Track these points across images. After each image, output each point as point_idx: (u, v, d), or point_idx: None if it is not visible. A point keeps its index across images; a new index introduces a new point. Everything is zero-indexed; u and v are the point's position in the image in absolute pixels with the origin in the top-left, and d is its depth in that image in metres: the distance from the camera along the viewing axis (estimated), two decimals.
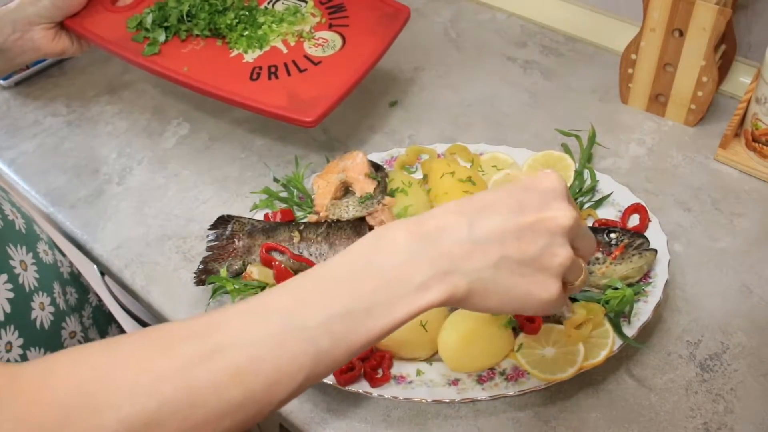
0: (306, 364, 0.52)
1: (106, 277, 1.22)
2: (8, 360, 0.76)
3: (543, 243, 0.56)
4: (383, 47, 1.02)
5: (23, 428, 0.46)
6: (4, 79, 1.22)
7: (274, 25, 1.05)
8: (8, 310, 0.77)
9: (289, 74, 0.98)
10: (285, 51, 1.02)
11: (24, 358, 0.78)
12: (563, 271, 0.57)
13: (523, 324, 0.78)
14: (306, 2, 1.09)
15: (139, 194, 1.04)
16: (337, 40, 1.03)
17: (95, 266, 1.08)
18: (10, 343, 0.77)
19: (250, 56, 1.02)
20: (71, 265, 0.98)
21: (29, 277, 0.81)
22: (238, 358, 0.50)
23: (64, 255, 0.97)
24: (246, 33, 1.04)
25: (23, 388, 0.47)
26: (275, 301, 0.53)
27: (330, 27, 1.06)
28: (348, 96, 0.96)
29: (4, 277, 0.77)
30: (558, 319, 0.79)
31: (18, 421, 0.46)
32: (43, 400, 0.47)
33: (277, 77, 0.98)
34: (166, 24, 1.04)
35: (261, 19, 1.06)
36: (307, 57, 1.01)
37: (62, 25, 1.04)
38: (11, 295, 0.77)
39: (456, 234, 0.55)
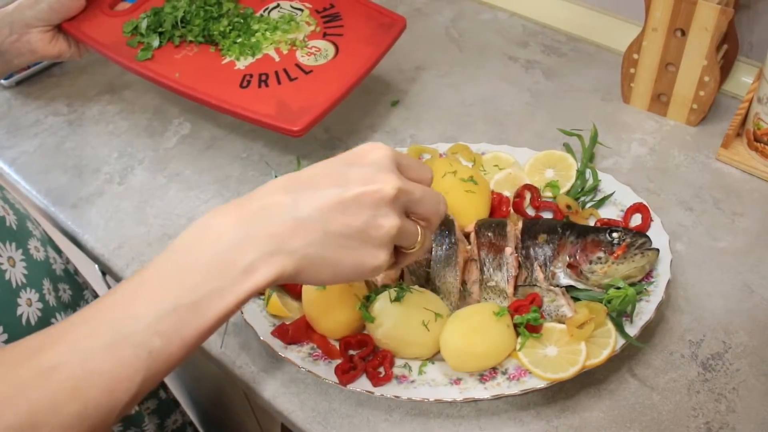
0: (141, 367, 0.52)
1: (108, 277, 1.22)
2: None
3: (367, 215, 0.57)
4: (376, 57, 1.01)
5: None
6: (5, 78, 1.22)
7: (267, 33, 1.05)
8: None
9: (279, 83, 0.98)
10: (277, 59, 1.02)
11: None
12: (390, 240, 0.59)
13: (526, 324, 0.78)
14: (302, 10, 1.09)
15: (140, 194, 1.05)
16: (330, 50, 1.03)
17: (96, 266, 1.08)
18: None
19: (242, 63, 1.02)
20: (67, 262, 0.98)
21: (17, 273, 0.81)
22: (74, 371, 0.51)
23: (59, 252, 0.97)
24: (239, 40, 1.04)
25: None
26: (105, 308, 0.54)
27: (324, 36, 1.05)
28: (338, 105, 0.96)
29: None
30: (560, 319, 0.79)
31: None
32: None
33: (267, 85, 0.98)
34: (160, 29, 1.04)
35: (255, 27, 1.06)
36: (298, 66, 1.01)
37: (60, 29, 1.05)
38: None
39: (280, 213, 0.56)
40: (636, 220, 0.89)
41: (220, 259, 0.55)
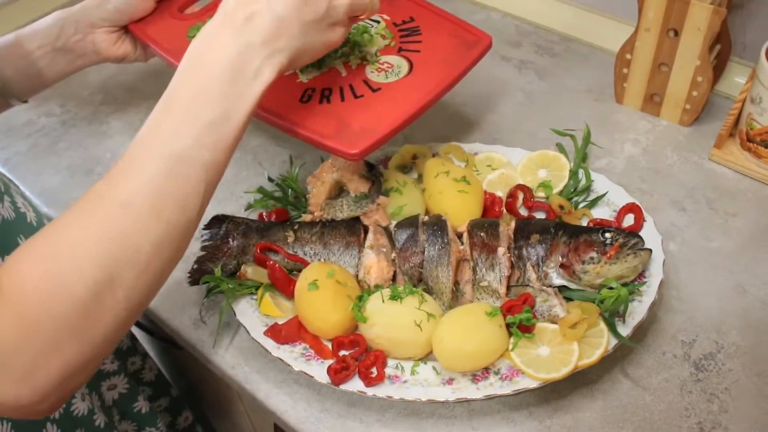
0: (201, 179, 0.63)
1: None
2: None
3: (325, 1, 0.71)
4: (453, 77, 0.89)
5: (21, 322, 0.55)
6: None
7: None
8: None
9: (342, 99, 0.87)
10: (344, 74, 0.91)
11: None
12: (345, 14, 0.74)
13: (519, 324, 0.78)
14: (378, 22, 0.98)
15: None
16: (404, 66, 0.91)
17: None
18: None
19: (305, 76, 0.91)
20: None
21: None
22: (148, 198, 0.60)
23: None
24: None
25: (6, 291, 0.56)
26: (151, 138, 0.63)
27: (399, 51, 0.93)
28: (404, 128, 0.85)
29: None
30: (553, 319, 0.79)
31: (15, 316, 0.55)
32: (25, 293, 0.56)
33: (329, 102, 0.86)
34: None
35: None
36: (365, 82, 0.89)
37: (126, 30, 1.01)
38: None
39: (263, 18, 0.67)
40: (629, 220, 0.89)
41: (231, 72, 0.65)
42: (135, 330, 1.16)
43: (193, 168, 0.63)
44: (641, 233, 0.85)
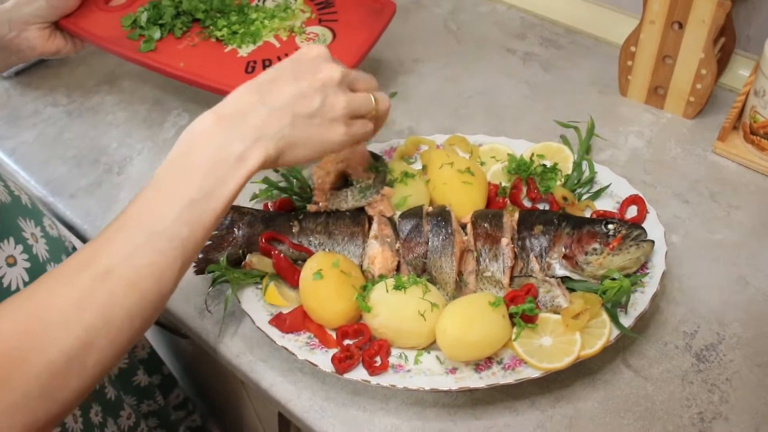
0: (178, 255, 0.65)
1: None
2: None
3: (322, 96, 0.73)
4: (372, 40, 1.06)
5: None
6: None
7: (266, 21, 1.09)
8: (27, 279, 0.79)
9: None
10: (278, 45, 1.06)
11: None
12: (345, 113, 0.74)
13: (522, 314, 0.79)
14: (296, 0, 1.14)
15: (139, 184, 1.05)
16: (328, 35, 1.08)
17: None
18: None
19: (244, 51, 1.05)
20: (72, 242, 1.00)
21: (41, 249, 0.83)
22: (126, 271, 0.63)
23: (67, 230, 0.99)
24: (240, 30, 1.07)
25: None
26: (133, 216, 0.66)
27: (320, 22, 1.10)
28: None
29: (20, 247, 0.79)
30: (556, 309, 0.80)
31: None
32: (2, 350, 0.57)
33: None
34: (160, 21, 1.06)
35: (253, 16, 1.09)
36: None
37: (57, 25, 1.06)
38: (28, 264, 0.80)
39: (254, 109, 0.70)
40: (632, 212, 0.89)
41: (215, 156, 0.68)
42: None
43: (170, 243, 0.65)
44: (644, 225, 0.86)
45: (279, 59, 1.02)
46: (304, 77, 0.73)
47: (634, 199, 0.90)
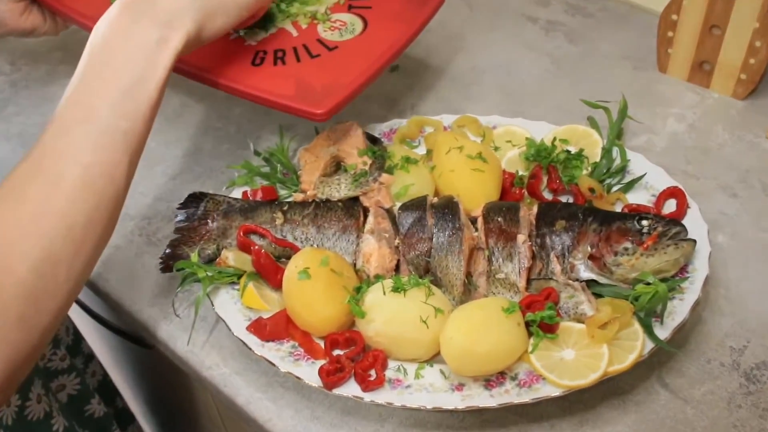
0: (123, 149, 0.71)
1: None
2: None
3: None
4: (411, 34, 0.99)
5: None
6: None
7: (283, 5, 1.02)
8: None
9: (298, 60, 0.95)
10: (295, 34, 1.00)
11: None
12: None
13: (540, 322, 0.79)
14: None
15: None
16: (357, 24, 1.01)
17: None
18: None
19: (253, 38, 0.99)
20: None
21: None
22: (77, 172, 0.68)
23: None
24: None
25: None
26: (70, 117, 0.71)
27: (349, 9, 1.03)
28: (367, 86, 0.92)
29: None
30: (579, 318, 0.80)
31: None
32: None
33: (284, 63, 0.95)
34: None
35: None
36: (320, 41, 0.98)
37: (34, 0, 1.03)
38: None
39: None
40: (670, 206, 0.89)
41: (135, 43, 0.73)
42: (84, 324, 1.17)
43: (112, 137, 0.71)
44: (684, 221, 0.86)
45: (295, 50, 0.96)
46: None
47: (672, 192, 0.90)
